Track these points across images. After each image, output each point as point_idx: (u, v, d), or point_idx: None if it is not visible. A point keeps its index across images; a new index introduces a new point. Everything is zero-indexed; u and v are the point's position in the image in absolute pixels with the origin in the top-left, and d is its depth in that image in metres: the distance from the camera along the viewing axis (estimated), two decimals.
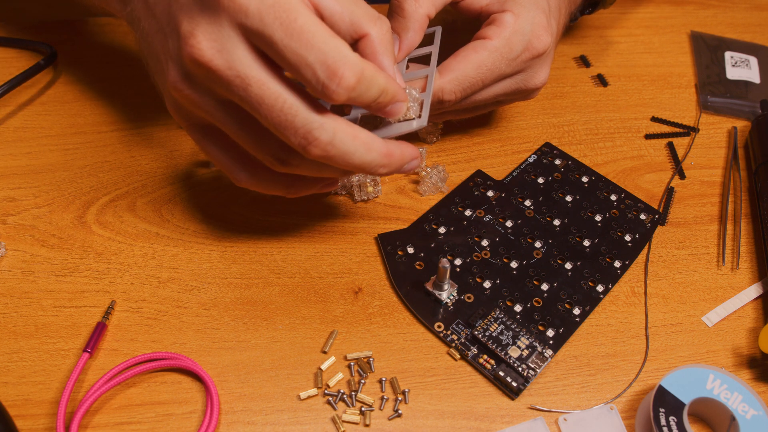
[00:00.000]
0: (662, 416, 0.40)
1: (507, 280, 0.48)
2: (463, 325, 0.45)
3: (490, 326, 0.45)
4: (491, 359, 0.44)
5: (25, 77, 0.55)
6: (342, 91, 0.36)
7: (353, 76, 0.36)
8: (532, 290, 0.47)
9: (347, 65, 0.35)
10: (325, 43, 0.35)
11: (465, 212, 0.51)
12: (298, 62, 0.35)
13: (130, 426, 0.41)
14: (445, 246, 0.49)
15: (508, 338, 0.44)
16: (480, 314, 0.45)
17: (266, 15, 0.35)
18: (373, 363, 0.44)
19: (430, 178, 0.52)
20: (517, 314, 0.46)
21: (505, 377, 0.43)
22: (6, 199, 0.51)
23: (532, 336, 0.44)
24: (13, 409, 0.41)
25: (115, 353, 0.44)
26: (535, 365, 0.43)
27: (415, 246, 0.49)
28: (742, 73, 0.62)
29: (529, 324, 0.45)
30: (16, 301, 0.46)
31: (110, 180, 0.52)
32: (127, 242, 0.49)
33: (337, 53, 0.35)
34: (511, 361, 0.43)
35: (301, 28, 0.35)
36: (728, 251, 0.51)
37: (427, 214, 0.51)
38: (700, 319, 0.47)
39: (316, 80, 0.36)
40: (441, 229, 0.50)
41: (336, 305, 0.47)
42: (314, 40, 0.35)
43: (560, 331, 0.45)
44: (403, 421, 0.42)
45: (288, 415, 0.42)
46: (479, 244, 0.49)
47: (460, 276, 0.48)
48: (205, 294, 0.47)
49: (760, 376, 0.45)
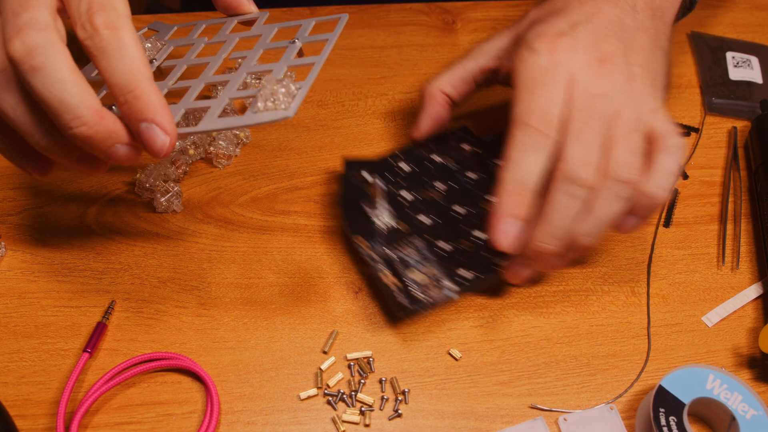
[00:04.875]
0: (662, 416, 0.40)
1: (447, 223, 0.48)
2: (383, 244, 0.46)
3: (403, 248, 0.45)
4: (394, 277, 0.44)
5: None
6: None
7: None
8: (466, 236, 0.48)
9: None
10: None
11: (434, 157, 0.52)
12: None
13: (130, 426, 0.41)
14: (400, 180, 0.50)
15: (417, 263, 0.44)
16: (401, 237, 0.46)
17: None
18: (373, 363, 0.44)
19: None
20: (442, 251, 0.46)
21: (394, 294, 0.43)
22: (6, 199, 0.51)
23: (443, 271, 0.45)
24: (13, 409, 0.41)
25: (115, 353, 0.44)
26: (430, 293, 0.43)
27: (372, 174, 0.50)
28: (745, 73, 0.62)
29: (449, 263, 0.46)
30: (16, 301, 0.46)
31: (110, 180, 0.52)
32: (127, 242, 0.49)
33: None
34: (407, 282, 0.43)
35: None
36: (728, 251, 0.51)
37: (397, 152, 0.52)
38: (700, 319, 0.47)
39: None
40: (405, 166, 0.51)
41: (336, 305, 0.47)
42: None
43: (476, 277, 0.45)
44: (403, 421, 0.42)
45: (288, 415, 0.42)
46: (435, 186, 0.50)
47: (405, 209, 0.49)
48: (205, 294, 0.47)
49: (760, 376, 0.45)
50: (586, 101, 0.41)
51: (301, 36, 0.44)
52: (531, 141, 0.41)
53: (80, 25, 0.34)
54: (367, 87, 0.59)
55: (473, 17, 0.66)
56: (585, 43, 0.43)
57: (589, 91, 0.42)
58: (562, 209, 0.40)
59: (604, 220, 0.41)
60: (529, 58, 0.43)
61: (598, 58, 0.43)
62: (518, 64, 0.43)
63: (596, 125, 0.41)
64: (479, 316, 0.47)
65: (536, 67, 0.42)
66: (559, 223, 0.41)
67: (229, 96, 0.40)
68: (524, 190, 0.41)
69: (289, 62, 0.42)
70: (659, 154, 0.41)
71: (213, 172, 0.53)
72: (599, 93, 0.42)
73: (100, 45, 0.34)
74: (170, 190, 0.50)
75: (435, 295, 0.44)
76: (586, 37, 0.43)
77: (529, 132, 0.41)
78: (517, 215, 0.41)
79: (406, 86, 0.60)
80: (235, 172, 0.53)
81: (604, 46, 0.43)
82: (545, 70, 0.42)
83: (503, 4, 0.67)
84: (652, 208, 0.42)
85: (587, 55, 0.43)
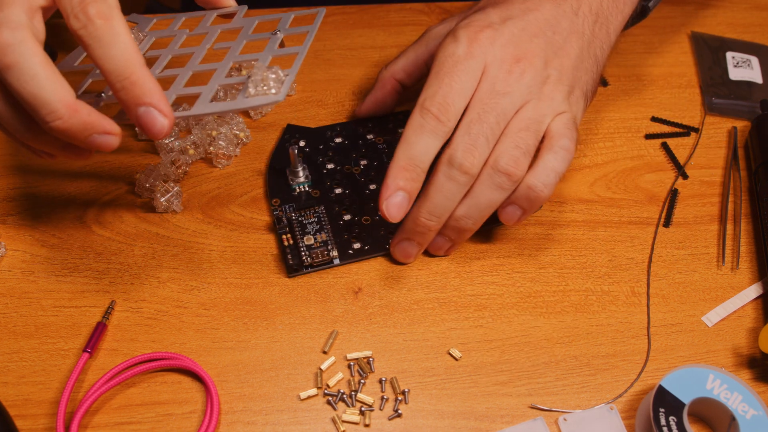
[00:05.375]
0: (662, 416, 0.40)
1: (357, 195, 0.51)
2: (294, 208, 0.50)
3: (307, 216, 0.49)
4: (292, 239, 0.48)
5: None
6: None
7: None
8: (370, 210, 0.50)
9: None
10: None
11: (367, 135, 0.55)
12: None
13: (130, 426, 0.41)
14: (329, 152, 0.54)
15: (313, 230, 0.48)
16: (308, 204, 0.50)
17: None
18: (373, 363, 0.44)
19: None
20: (340, 221, 0.50)
21: (287, 254, 0.47)
22: (6, 199, 0.51)
23: (334, 239, 0.49)
24: (13, 409, 0.41)
25: (115, 353, 0.44)
26: (316, 256, 0.47)
27: (307, 142, 0.54)
28: (745, 73, 0.62)
29: (342, 232, 0.49)
30: (16, 301, 0.46)
31: (110, 180, 0.52)
32: (127, 242, 0.49)
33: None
34: (301, 245, 0.47)
35: None
36: (728, 251, 0.51)
37: (336, 125, 0.56)
38: (700, 319, 0.47)
39: None
40: (338, 139, 0.55)
41: (336, 305, 0.47)
42: None
43: (363, 248, 0.49)
44: (403, 421, 0.42)
45: (288, 415, 0.42)
46: (358, 161, 0.53)
47: (324, 175, 0.52)
48: (205, 294, 0.47)
49: (760, 376, 0.45)
50: (487, 95, 0.44)
51: (282, 28, 0.46)
52: (426, 125, 0.43)
53: (73, 15, 0.35)
54: (367, 87, 0.59)
55: None
56: (507, 40, 0.45)
57: (493, 87, 0.44)
58: (443, 190, 0.44)
59: (482, 206, 0.45)
60: (449, 46, 0.45)
61: (514, 56, 0.45)
62: (439, 49, 0.46)
63: (490, 119, 0.44)
64: (479, 316, 0.47)
65: (451, 55, 0.44)
66: (438, 202, 0.45)
67: (219, 83, 0.42)
68: (413, 167, 0.44)
69: (273, 52, 0.44)
70: (545, 152, 0.45)
71: (213, 172, 0.53)
72: (502, 90, 0.44)
73: (95, 34, 0.35)
74: (170, 190, 0.50)
75: (320, 256, 0.47)
76: (511, 34, 0.45)
77: (427, 116, 0.43)
78: (403, 188, 0.44)
79: None
80: (235, 172, 0.53)
81: (526, 45, 0.45)
82: (459, 59, 0.44)
83: None
84: (532, 201, 0.45)
85: (504, 51, 0.45)
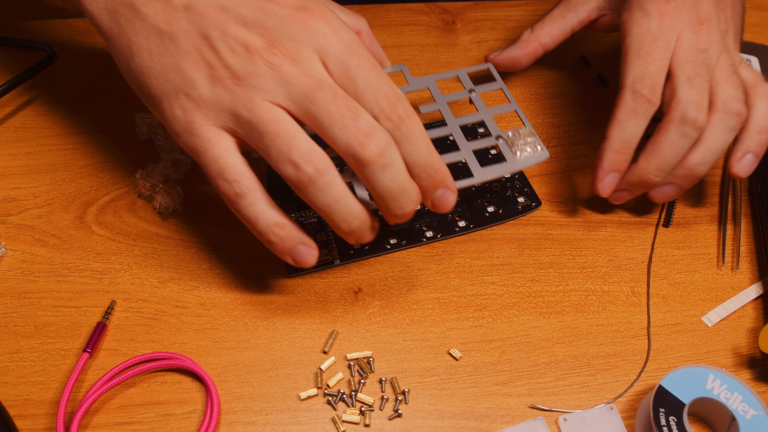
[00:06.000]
0: (662, 416, 0.40)
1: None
2: (294, 209, 0.50)
3: (307, 216, 0.50)
4: None
5: (25, 77, 0.55)
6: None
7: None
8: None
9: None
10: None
11: None
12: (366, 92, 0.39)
13: (130, 426, 0.41)
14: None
15: (313, 230, 0.49)
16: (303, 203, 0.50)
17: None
18: (373, 363, 0.44)
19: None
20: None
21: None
22: (6, 199, 0.51)
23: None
24: (13, 409, 0.41)
25: (115, 353, 0.44)
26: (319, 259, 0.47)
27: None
28: None
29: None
30: (16, 301, 0.46)
31: (110, 180, 0.52)
32: (127, 242, 0.49)
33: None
34: None
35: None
36: (728, 251, 0.51)
37: None
38: (700, 319, 0.47)
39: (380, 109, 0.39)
40: None
41: (336, 305, 0.47)
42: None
43: (363, 248, 0.49)
44: (403, 421, 0.42)
45: (288, 415, 0.42)
46: None
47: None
48: (205, 294, 0.47)
49: (760, 376, 0.45)
50: (692, 54, 0.47)
51: (468, 86, 0.51)
52: (639, 108, 0.46)
53: (385, 117, 0.39)
54: None
55: (473, 17, 0.66)
56: (689, 6, 0.48)
57: (694, 47, 0.47)
58: (675, 146, 0.46)
59: (717, 150, 0.47)
60: (641, 20, 0.48)
61: (698, 19, 0.48)
62: (630, 25, 0.48)
63: (703, 72, 0.46)
64: (479, 316, 0.47)
65: (647, 31, 0.47)
66: (669, 158, 0.46)
67: (471, 147, 0.47)
68: (627, 149, 0.47)
69: (492, 111, 0.50)
70: (758, 99, 0.48)
71: None
72: (702, 48, 0.47)
73: (407, 132, 0.39)
74: (170, 191, 0.50)
75: (320, 260, 0.48)
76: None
77: (639, 100, 0.46)
78: (619, 170, 0.48)
79: None
80: None
81: (703, 6, 0.48)
82: (655, 35, 0.47)
83: (503, 4, 0.67)
84: (764, 145, 0.48)
85: (690, 16, 0.48)
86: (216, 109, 0.39)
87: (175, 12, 0.40)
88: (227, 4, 0.40)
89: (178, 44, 0.40)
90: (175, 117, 0.40)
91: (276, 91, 0.38)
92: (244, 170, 0.40)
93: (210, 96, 0.39)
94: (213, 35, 0.39)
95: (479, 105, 0.50)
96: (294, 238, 0.41)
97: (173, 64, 0.40)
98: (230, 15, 0.40)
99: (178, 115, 0.40)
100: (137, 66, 0.41)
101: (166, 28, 0.40)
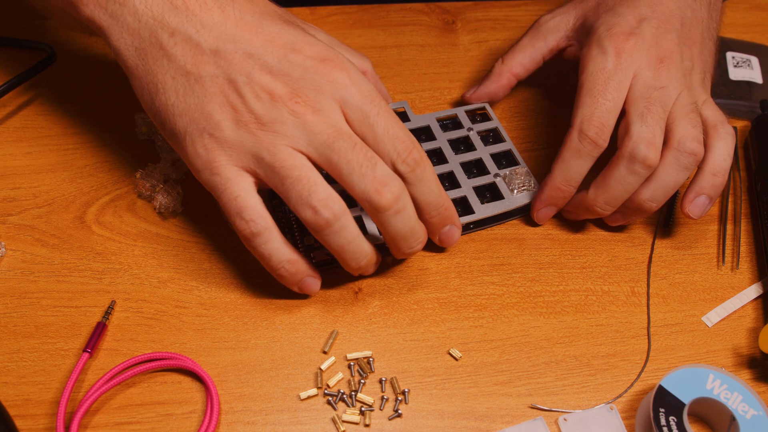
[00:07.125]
0: (662, 416, 0.40)
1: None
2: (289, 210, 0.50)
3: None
4: (292, 240, 0.48)
5: (25, 77, 0.55)
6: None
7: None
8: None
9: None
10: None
11: None
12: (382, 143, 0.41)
13: (130, 426, 0.41)
14: None
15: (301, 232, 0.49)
16: None
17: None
18: (373, 363, 0.44)
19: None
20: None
21: None
22: (6, 199, 0.51)
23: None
24: (13, 409, 0.41)
25: (115, 353, 0.44)
26: (316, 256, 0.47)
27: None
28: (745, 73, 0.62)
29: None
30: (16, 301, 0.46)
31: (110, 180, 0.52)
32: (127, 242, 0.49)
33: None
34: (301, 245, 0.47)
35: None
36: (728, 251, 0.51)
37: None
38: (700, 319, 0.47)
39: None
40: None
41: (336, 305, 0.47)
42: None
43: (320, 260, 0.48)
44: (403, 421, 0.42)
45: (288, 415, 0.42)
46: None
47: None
48: (205, 294, 0.47)
49: (760, 376, 0.45)
50: (647, 91, 0.46)
51: (467, 125, 0.54)
52: (584, 149, 0.46)
53: (402, 161, 0.41)
54: None
55: (473, 17, 0.66)
56: (649, 43, 0.47)
57: (650, 84, 0.46)
58: (624, 183, 0.46)
59: (668, 188, 0.46)
60: (597, 58, 0.47)
61: (657, 56, 0.47)
62: (587, 62, 0.48)
63: (657, 109, 0.46)
64: (479, 316, 0.47)
65: (602, 70, 0.47)
66: (617, 194, 0.46)
67: (470, 185, 0.50)
68: (567, 187, 0.47)
69: (490, 150, 0.52)
70: (716, 140, 0.47)
71: None
72: (659, 86, 0.46)
73: (421, 175, 0.42)
74: (170, 191, 0.50)
75: (320, 260, 0.47)
76: (651, 36, 0.48)
77: (584, 141, 0.46)
78: (555, 204, 0.49)
79: (406, 86, 0.60)
80: None
81: (665, 44, 0.48)
82: (610, 74, 0.46)
83: (503, 4, 0.67)
84: (717, 188, 0.47)
85: (649, 54, 0.47)
86: (239, 151, 0.41)
87: (203, 55, 0.41)
88: (253, 51, 0.41)
89: (205, 86, 0.41)
90: (198, 155, 0.41)
91: (298, 138, 0.40)
92: (261, 210, 0.41)
93: (234, 138, 0.41)
94: (239, 80, 0.40)
95: (477, 143, 0.53)
96: (302, 272, 0.44)
97: (198, 104, 0.41)
98: (256, 62, 0.41)
99: (201, 153, 0.41)
100: (162, 103, 0.42)
101: (193, 70, 0.41)
